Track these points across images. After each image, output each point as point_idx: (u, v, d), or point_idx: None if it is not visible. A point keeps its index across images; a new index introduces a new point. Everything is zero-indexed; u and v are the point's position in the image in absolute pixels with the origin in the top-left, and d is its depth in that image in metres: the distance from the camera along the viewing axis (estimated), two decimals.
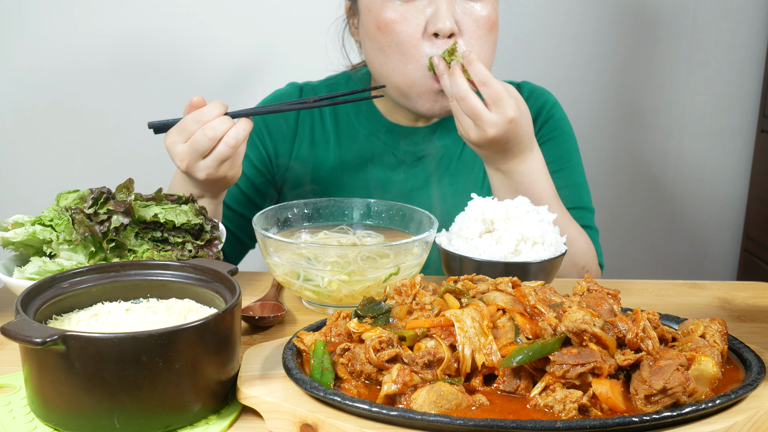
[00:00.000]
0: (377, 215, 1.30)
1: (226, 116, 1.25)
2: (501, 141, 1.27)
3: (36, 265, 1.10)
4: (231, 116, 1.26)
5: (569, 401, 0.79)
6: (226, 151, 1.24)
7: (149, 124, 1.29)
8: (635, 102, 2.23)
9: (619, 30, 2.16)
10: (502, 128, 1.26)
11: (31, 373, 0.81)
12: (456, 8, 1.34)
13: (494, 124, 1.25)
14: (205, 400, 0.83)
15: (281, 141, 1.58)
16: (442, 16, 1.32)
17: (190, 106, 1.27)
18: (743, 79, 2.26)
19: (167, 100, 2.13)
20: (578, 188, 1.54)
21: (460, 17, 1.34)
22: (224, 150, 1.24)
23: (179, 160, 1.26)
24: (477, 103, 1.26)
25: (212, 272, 0.95)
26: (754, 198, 2.35)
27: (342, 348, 0.88)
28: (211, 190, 1.33)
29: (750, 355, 0.91)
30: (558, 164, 1.53)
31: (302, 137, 1.58)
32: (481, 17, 1.35)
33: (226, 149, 1.24)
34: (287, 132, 1.58)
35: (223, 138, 1.24)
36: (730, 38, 2.22)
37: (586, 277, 0.98)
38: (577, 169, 1.57)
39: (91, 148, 2.18)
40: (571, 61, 2.17)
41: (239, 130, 1.25)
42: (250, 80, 2.22)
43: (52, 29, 2.09)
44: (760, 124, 2.30)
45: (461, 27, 1.35)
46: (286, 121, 1.58)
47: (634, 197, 2.32)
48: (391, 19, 1.34)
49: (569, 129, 1.59)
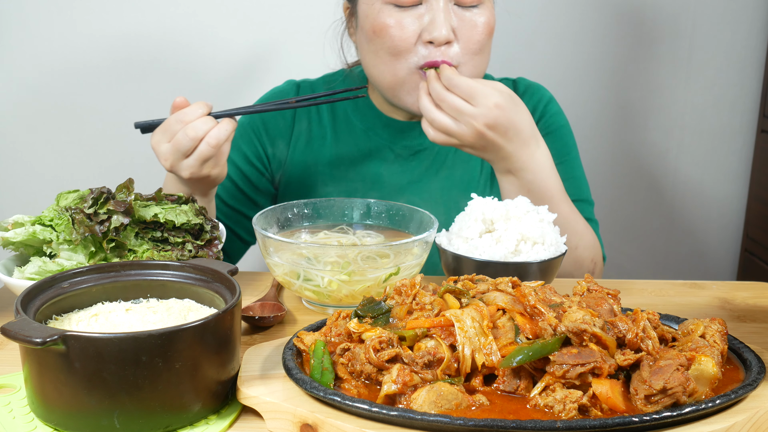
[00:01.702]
0: (377, 215, 1.30)
1: (208, 116, 1.27)
2: (495, 130, 1.26)
3: (36, 265, 1.10)
4: (215, 116, 1.28)
5: (569, 401, 0.79)
6: (207, 151, 1.26)
7: (135, 124, 1.33)
8: (635, 102, 2.23)
9: (619, 30, 2.16)
10: (489, 116, 1.25)
11: (31, 373, 0.81)
12: (453, 15, 1.34)
13: (479, 114, 1.25)
14: (205, 400, 0.83)
15: (278, 137, 1.59)
16: (439, 24, 1.32)
17: (174, 107, 1.29)
18: (743, 79, 2.26)
19: (167, 99, 2.13)
20: (578, 181, 1.55)
21: (457, 24, 1.35)
22: (206, 149, 1.26)
23: (163, 159, 1.29)
24: (455, 99, 1.26)
25: (212, 272, 0.95)
26: (754, 198, 2.35)
27: (342, 348, 0.88)
28: (198, 188, 1.35)
29: (750, 355, 0.91)
30: (558, 158, 1.53)
31: (299, 133, 1.59)
32: (478, 24, 1.36)
33: (208, 149, 1.26)
34: (284, 128, 1.59)
35: (204, 138, 1.26)
36: (730, 38, 2.22)
37: (586, 277, 0.99)
38: (576, 162, 1.58)
39: (91, 148, 2.18)
40: (571, 61, 2.16)
41: (221, 131, 1.27)
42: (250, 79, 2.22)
43: (52, 29, 2.09)
44: (760, 124, 2.30)
45: (458, 34, 1.35)
46: (284, 117, 1.59)
47: (634, 197, 2.32)
48: (387, 24, 1.35)
49: (566, 123, 1.60)
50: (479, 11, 1.36)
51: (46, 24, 2.10)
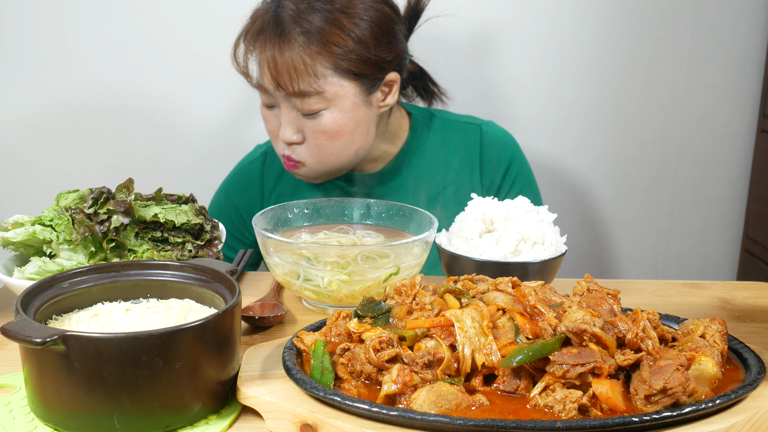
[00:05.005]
0: (377, 215, 1.30)
1: None
2: None
3: (36, 265, 1.10)
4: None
5: (569, 401, 0.79)
6: None
7: None
8: (635, 102, 2.22)
9: (618, 30, 2.16)
10: None
11: (31, 373, 0.81)
12: (298, 121, 1.51)
13: None
14: (205, 400, 0.83)
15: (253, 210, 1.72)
16: (282, 129, 1.53)
17: None
18: (743, 79, 2.26)
19: (168, 99, 2.13)
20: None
21: (304, 127, 1.52)
22: None
23: None
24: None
25: (212, 272, 0.95)
26: (754, 198, 2.35)
27: (342, 348, 0.88)
28: None
29: (750, 355, 0.91)
30: (534, 200, 1.69)
31: (269, 196, 1.73)
32: (319, 130, 1.50)
33: None
34: (257, 196, 1.74)
35: None
36: (730, 38, 2.21)
37: (586, 277, 0.99)
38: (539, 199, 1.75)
39: (91, 148, 2.18)
40: (571, 60, 2.16)
41: None
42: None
43: (53, 29, 2.09)
44: (760, 124, 2.30)
45: (305, 136, 1.52)
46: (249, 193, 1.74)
47: (634, 197, 2.32)
48: (263, 115, 1.58)
49: (530, 170, 1.76)
50: (321, 118, 1.50)
51: (47, 21, 2.10)
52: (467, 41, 2.10)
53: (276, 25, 1.47)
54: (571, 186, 2.26)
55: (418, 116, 1.70)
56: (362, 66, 1.48)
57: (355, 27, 1.46)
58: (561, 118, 2.20)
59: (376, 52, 1.49)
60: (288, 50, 1.45)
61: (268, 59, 1.46)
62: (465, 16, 2.03)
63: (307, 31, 1.45)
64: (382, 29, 1.50)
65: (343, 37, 1.45)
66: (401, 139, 1.67)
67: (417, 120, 1.70)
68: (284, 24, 1.46)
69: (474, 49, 2.11)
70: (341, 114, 1.50)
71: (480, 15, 2.09)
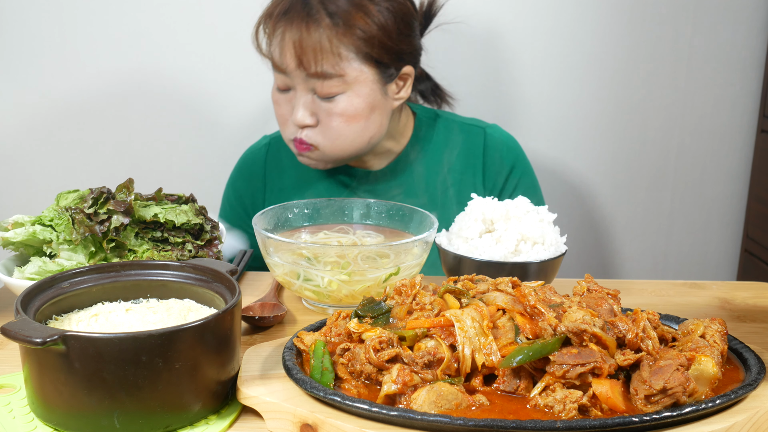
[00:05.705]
0: (377, 215, 1.30)
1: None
2: None
3: (36, 265, 1.10)
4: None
5: (569, 401, 0.79)
6: None
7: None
8: (635, 101, 2.22)
9: (618, 29, 2.16)
10: None
11: (31, 373, 0.81)
12: (313, 104, 1.51)
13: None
14: (205, 400, 0.83)
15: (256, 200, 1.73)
16: (296, 111, 1.51)
17: None
18: (743, 79, 2.26)
19: (168, 99, 2.13)
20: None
21: (319, 111, 1.51)
22: None
23: None
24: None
25: (212, 272, 0.95)
26: (754, 198, 2.35)
27: (342, 348, 0.88)
28: None
29: (750, 355, 0.91)
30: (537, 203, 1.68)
31: (272, 188, 1.73)
32: (336, 112, 1.50)
33: None
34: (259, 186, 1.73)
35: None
36: (730, 38, 2.21)
37: (586, 277, 0.99)
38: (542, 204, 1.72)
39: (91, 148, 2.18)
40: (571, 60, 2.16)
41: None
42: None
43: (53, 29, 2.09)
44: (760, 124, 2.30)
45: (320, 119, 1.52)
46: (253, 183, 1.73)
47: (634, 197, 2.32)
48: (275, 100, 1.57)
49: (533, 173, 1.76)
50: (337, 101, 1.49)
51: (47, 23, 2.10)
52: (468, 42, 2.10)
53: (303, 5, 1.48)
54: (571, 186, 2.26)
55: (423, 116, 1.71)
56: (383, 53, 1.50)
57: (379, 14, 1.49)
58: (561, 118, 2.20)
59: (397, 41, 1.51)
60: (315, 30, 1.46)
61: (294, 39, 1.47)
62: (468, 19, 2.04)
63: (334, 12, 1.47)
64: (404, 20, 1.53)
65: (367, 22, 1.47)
66: (405, 138, 1.67)
67: (421, 120, 1.70)
68: (311, 4, 1.48)
69: (474, 49, 2.12)
70: (359, 98, 1.51)
71: (481, 17, 2.09)
